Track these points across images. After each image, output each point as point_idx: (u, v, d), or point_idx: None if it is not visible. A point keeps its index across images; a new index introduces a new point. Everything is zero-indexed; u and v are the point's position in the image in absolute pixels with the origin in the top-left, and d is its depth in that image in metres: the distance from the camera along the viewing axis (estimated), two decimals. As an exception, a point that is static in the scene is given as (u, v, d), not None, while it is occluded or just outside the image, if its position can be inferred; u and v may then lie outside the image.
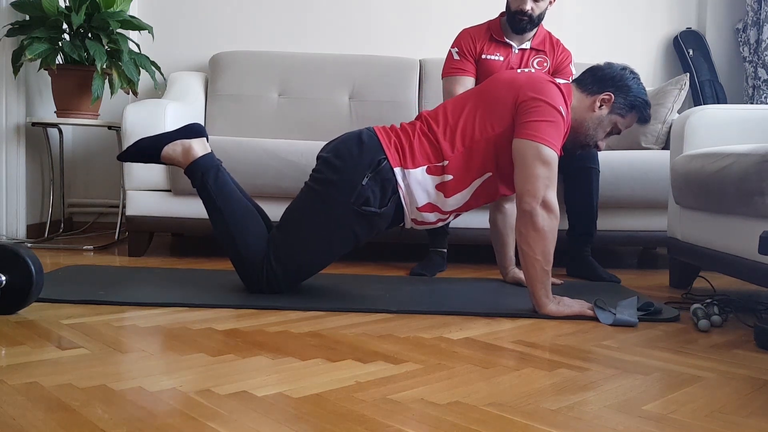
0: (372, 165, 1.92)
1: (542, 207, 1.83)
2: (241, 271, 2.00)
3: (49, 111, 3.31)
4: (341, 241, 1.98)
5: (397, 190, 1.94)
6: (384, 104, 3.40)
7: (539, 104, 1.89)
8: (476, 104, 2.00)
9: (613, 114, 2.01)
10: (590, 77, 2.04)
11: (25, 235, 3.15)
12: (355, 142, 1.97)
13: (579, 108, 2.01)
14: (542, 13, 2.69)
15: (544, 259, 1.83)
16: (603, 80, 2.01)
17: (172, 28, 3.64)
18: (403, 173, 1.94)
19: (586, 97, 2.01)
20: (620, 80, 2.01)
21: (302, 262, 1.98)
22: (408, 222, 2.03)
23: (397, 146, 1.96)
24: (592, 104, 2.00)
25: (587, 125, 2.02)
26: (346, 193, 1.92)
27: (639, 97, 2.01)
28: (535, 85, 1.94)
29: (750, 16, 3.57)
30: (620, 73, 2.02)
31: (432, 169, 1.95)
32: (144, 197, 2.80)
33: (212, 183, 2.00)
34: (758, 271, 1.82)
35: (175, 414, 1.05)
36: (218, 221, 2.00)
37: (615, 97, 1.99)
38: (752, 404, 1.19)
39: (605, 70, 2.04)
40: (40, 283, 1.67)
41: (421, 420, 1.06)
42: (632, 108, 2.01)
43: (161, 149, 2.02)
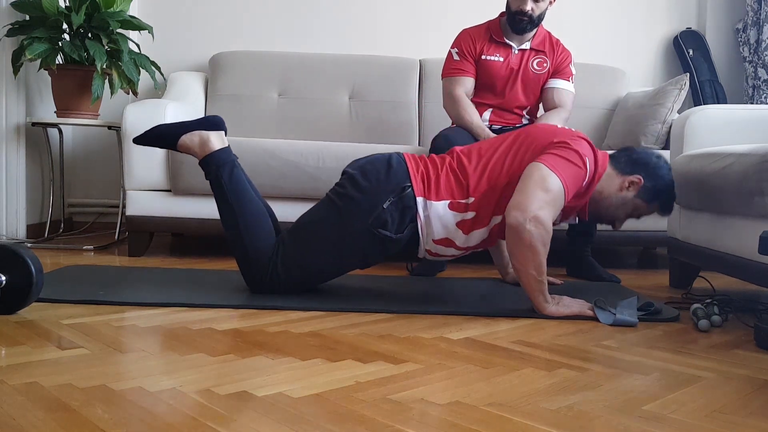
0: (396, 190, 1.92)
1: (532, 222, 1.76)
2: (245, 269, 1.99)
3: (49, 111, 3.31)
4: (351, 258, 1.98)
5: (415, 218, 1.93)
6: (384, 104, 3.40)
7: (565, 146, 1.89)
8: (510, 145, 1.99)
9: (638, 198, 2.00)
10: (625, 157, 2.03)
11: (25, 235, 3.15)
12: (383, 165, 1.96)
13: (607, 183, 1.99)
14: (542, 14, 2.69)
15: (537, 272, 1.81)
16: (637, 163, 2.01)
17: (172, 28, 3.64)
18: (424, 204, 1.93)
19: (616, 174, 2.00)
20: (653, 168, 2.01)
21: (308, 271, 1.98)
22: (422, 251, 2.01)
23: (423, 176, 1.95)
24: (621, 184, 1.99)
25: (611, 202, 2.00)
26: (366, 213, 1.91)
27: (667, 187, 2.02)
28: (571, 136, 1.94)
29: (750, 16, 3.57)
30: (655, 160, 2.03)
31: (454, 204, 1.93)
32: (144, 197, 2.80)
33: (226, 178, 1.99)
34: (758, 271, 1.82)
35: (175, 414, 1.05)
36: (228, 217, 2.00)
37: (644, 182, 1.98)
38: (752, 404, 1.19)
39: (641, 154, 2.04)
40: (40, 283, 1.67)
41: (421, 420, 1.06)
42: (657, 197, 2.01)
43: (179, 137, 2.01)
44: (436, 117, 3.25)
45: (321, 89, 3.42)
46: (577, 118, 3.15)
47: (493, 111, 2.77)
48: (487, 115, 2.76)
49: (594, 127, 3.37)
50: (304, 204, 2.71)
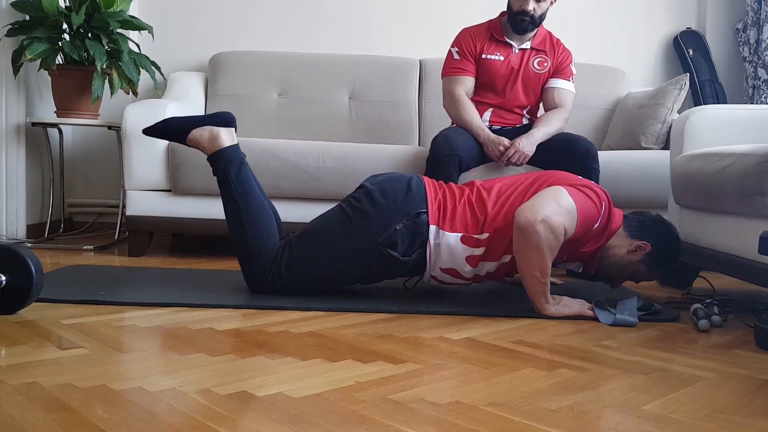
0: (411, 214, 1.92)
1: (541, 224, 1.76)
2: (246, 268, 1.99)
3: (49, 111, 3.31)
4: (355, 272, 1.98)
5: (425, 244, 1.93)
6: (384, 104, 3.40)
7: (585, 186, 1.91)
8: (531, 184, 1.99)
9: (641, 263, 2.00)
10: (638, 221, 2.03)
11: (25, 235, 3.15)
12: (403, 186, 1.96)
13: (616, 242, 1.99)
14: (543, 14, 2.70)
15: (541, 273, 1.81)
16: (649, 230, 2.01)
17: (172, 28, 3.64)
18: (437, 232, 1.92)
19: (626, 236, 2.00)
20: (665, 238, 2.02)
21: (311, 278, 1.98)
22: (427, 276, 2.01)
23: (441, 205, 1.95)
24: (630, 245, 1.98)
25: (616, 260, 2.00)
26: (377, 231, 1.91)
27: (673, 261, 2.04)
28: (592, 184, 1.95)
29: (750, 16, 3.57)
30: (668, 230, 2.05)
31: (467, 238, 1.92)
32: (144, 197, 2.80)
33: (234, 175, 1.99)
34: (758, 271, 1.82)
35: (175, 414, 1.05)
36: (234, 215, 1.99)
37: (651, 250, 1.98)
38: (752, 404, 1.19)
39: (655, 221, 2.05)
40: (40, 283, 1.67)
41: (421, 420, 1.06)
42: (660, 266, 2.02)
43: (189, 131, 2.01)
44: (436, 117, 3.25)
45: (321, 89, 3.42)
46: (577, 118, 3.15)
47: (493, 110, 2.77)
48: (487, 115, 2.76)
49: (594, 127, 3.37)
50: (304, 204, 2.74)
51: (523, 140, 2.61)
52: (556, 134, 2.68)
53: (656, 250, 1.98)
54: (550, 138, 2.66)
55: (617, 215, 2.00)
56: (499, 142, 2.62)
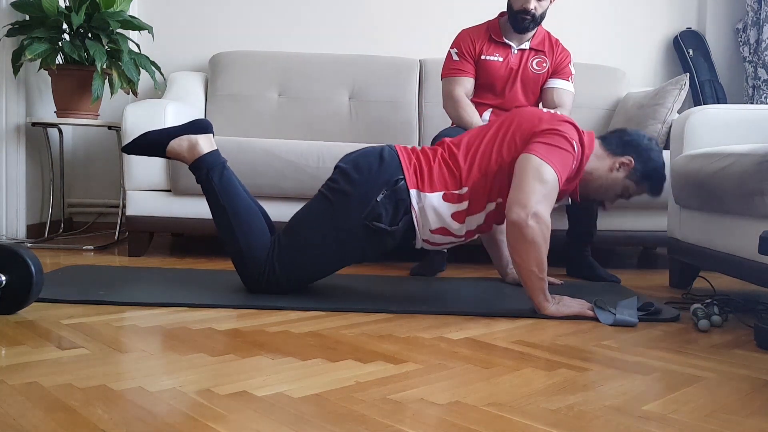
0: (389, 183, 1.92)
1: (533, 218, 1.79)
2: (241, 270, 1.99)
3: (49, 111, 3.31)
4: (347, 253, 1.98)
5: (410, 210, 1.93)
6: (384, 104, 3.40)
7: (553, 132, 1.90)
8: (496, 132, 2.00)
9: (628, 179, 2.02)
10: (616, 139, 2.05)
11: (25, 235, 3.15)
12: (375, 158, 1.97)
13: (597, 165, 2.01)
14: (544, 13, 2.70)
15: (538, 268, 1.81)
16: (628, 145, 2.02)
17: (172, 28, 3.64)
18: (418, 196, 1.93)
19: (607, 155, 2.02)
20: (645, 149, 2.02)
21: (305, 268, 1.98)
22: (419, 242, 2.01)
23: (416, 168, 1.96)
24: (612, 165, 2.00)
25: (601, 183, 2.02)
26: (359, 207, 1.91)
27: (657, 170, 2.03)
28: (556, 121, 1.95)
29: (750, 16, 3.57)
30: (646, 142, 2.04)
31: (448, 195, 1.94)
32: (144, 197, 2.80)
33: (217, 180, 1.99)
34: (758, 271, 1.82)
35: (175, 414, 1.05)
36: (222, 219, 2.00)
37: (634, 164, 1.99)
38: (752, 404, 1.19)
39: (632, 136, 2.05)
40: (40, 283, 1.67)
41: (421, 420, 1.06)
42: (647, 178, 2.03)
43: (167, 144, 2.01)
44: (436, 117, 3.25)
45: (321, 89, 3.42)
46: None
47: (492, 111, 2.77)
48: (486, 116, 2.76)
49: (594, 127, 3.37)
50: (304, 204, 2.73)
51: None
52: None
53: (640, 163, 2.00)
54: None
55: (589, 139, 2.01)
56: (499, 142, 2.62)
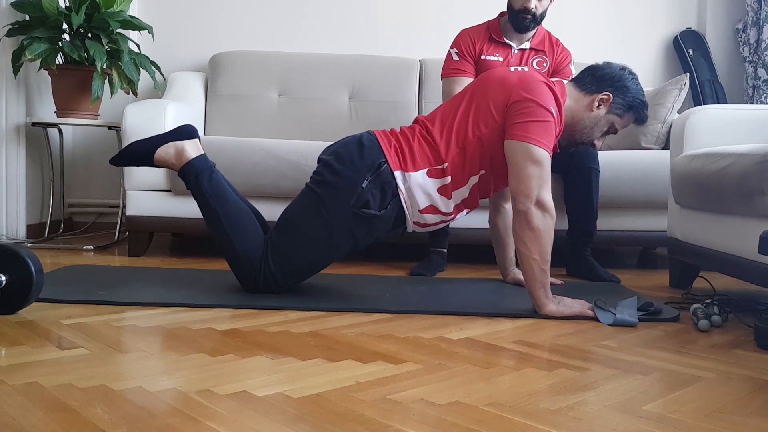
0: (372, 168, 1.92)
1: (537, 206, 1.83)
2: (237, 271, 2.00)
3: (49, 111, 3.31)
4: (340, 243, 1.98)
5: (397, 193, 1.94)
6: (384, 104, 3.40)
7: (530, 105, 1.90)
8: (469, 104, 2.00)
9: (610, 114, 2.01)
10: (589, 76, 2.04)
11: (25, 235, 3.15)
12: (355, 146, 1.97)
13: (576, 107, 2.01)
14: (544, 12, 2.70)
15: (541, 258, 1.83)
16: (602, 80, 2.01)
17: (172, 28, 3.64)
18: (403, 176, 1.94)
19: (583, 96, 2.01)
20: (619, 80, 2.00)
21: (300, 264, 1.98)
22: (410, 225, 2.02)
23: (397, 150, 1.96)
24: (590, 103, 2.00)
25: (584, 124, 2.02)
26: (346, 196, 1.92)
27: (637, 97, 2.01)
28: (527, 85, 1.94)
29: (750, 16, 3.57)
30: (619, 73, 2.02)
31: (432, 172, 1.95)
32: (144, 197, 2.80)
33: (206, 184, 2.00)
34: (758, 271, 1.82)
35: (175, 414, 1.05)
36: (214, 222, 2.00)
37: (613, 97, 1.99)
38: (752, 404, 1.19)
39: (605, 70, 2.03)
40: (40, 283, 1.67)
41: (421, 420, 1.06)
42: (630, 108, 2.01)
43: (154, 152, 2.02)
44: (436, 117, 3.24)
45: (321, 89, 3.42)
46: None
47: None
48: (487, 115, 2.76)
49: (594, 127, 3.37)
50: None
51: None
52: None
53: (619, 96, 1.99)
54: (550, 138, 2.66)
55: (559, 87, 2.00)
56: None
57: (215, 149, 2.71)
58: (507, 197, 2.27)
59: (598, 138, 2.07)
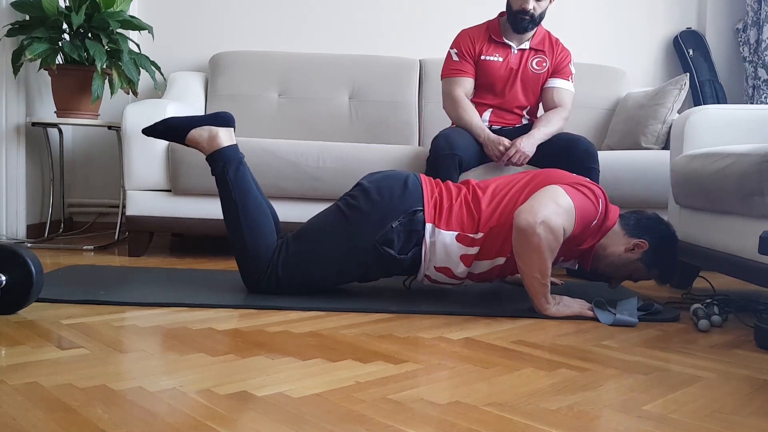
0: (407, 212, 1.92)
1: (541, 226, 1.76)
2: (244, 268, 1.99)
3: (49, 111, 3.31)
4: (351, 270, 1.98)
5: (421, 243, 1.93)
6: (384, 104, 3.40)
7: (581, 183, 1.91)
8: (525, 185, 1.98)
9: (639, 261, 1.99)
10: (635, 220, 2.02)
11: (25, 235, 3.15)
12: (399, 184, 1.96)
13: (613, 241, 1.99)
14: (543, 13, 2.70)
15: (542, 275, 1.81)
16: (646, 228, 2.00)
17: (172, 28, 3.64)
18: (433, 230, 1.92)
19: (623, 234, 1.99)
20: (662, 237, 2.00)
21: (309, 276, 1.98)
22: (421, 276, 2.01)
23: (437, 203, 1.95)
24: (627, 244, 1.98)
25: (613, 260, 1.99)
26: (374, 229, 1.91)
27: (671, 262, 2.03)
28: (586, 181, 1.95)
29: (750, 16, 3.57)
30: (664, 229, 2.03)
31: (462, 237, 1.92)
32: (144, 197, 2.80)
33: (232, 175, 1.99)
34: (758, 271, 1.82)
35: (175, 414, 1.05)
36: (231, 214, 1.99)
37: (649, 248, 1.97)
38: (752, 404, 1.19)
39: (650, 220, 2.03)
40: (40, 283, 1.67)
41: (421, 420, 1.06)
42: (657, 267, 2.01)
43: (188, 131, 2.01)
44: (436, 117, 3.25)
45: (321, 89, 3.42)
46: (577, 118, 3.15)
47: (492, 111, 2.77)
48: (486, 115, 2.76)
49: (594, 127, 3.37)
50: (304, 204, 2.74)
51: (523, 140, 2.61)
52: (556, 134, 2.68)
53: (654, 248, 1.98)
54: (551, 138, 2.66)
55: (613, 212, 2.00)
56: (499, 142, 2.62)
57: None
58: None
59: (619, 279, 2.08)
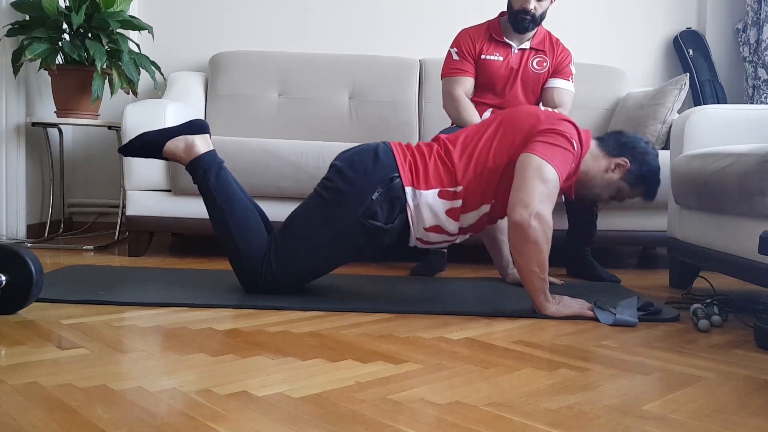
0: (384, 181, 1.91)
1: (535, 219, 1.78)
2: (239, 270, 2.00)
3: (49, 111, 3.31)
4: (344, 251, 1.98)
5: (405, 208, 1.93)
6: (384, 104, 3.40)
7: (553, 133, 1.90)
8: (494, 132, 1.99)
9: (622, 181, 2.01)
10: (613, 140, 2.04)
11: (25, 235, 3.15)
12: (370, 156, 1.96)
13: (593, 164, 2.01)
14: (544, 12, 2.70)
15: (540, 269, 1.82)
16: (624, 146, 2.02)
17: (172, 28, 3.64)
18: (413, 193, 1.93)
19: (603, 156, 2.01)
20: (641, 152, 2.02)
21: (302, 267, 1.98)
22: (413, 240, 2.01)
23: (411, 165, 1.95)
24: (607, 166, 2.00)
25: (595, 183, 2.02)
26: (355, 205, 1.91)
27: (653, 173, 2.03)
28: (555, 119, 1.95)
29: (750, 16, 3.57)
30: (643, 145, 2.04)
31: (444, 193, 1.93)
32: (144, 197, 2.80)
33: (214, 180, 1.99)
34: (758, 271, 1.82)
35: (175, 414, 1.05)
36: (218, 219, 2.00)
37: (630, 165, 1.99)
38: (752, 404, 1.19)
39: (629, 138, 2.05)
40: (40, 283, 1.67)
41: (421, 420, 1.06)
42: (642, 182, 2.02)
43: (164, 144, 2.01)
44: (436, 117, 3.25)
45: (321, 89, 3.42)
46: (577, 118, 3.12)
47: (493, 111, 2.76)
48: (486, 115, 2.76)
49: (594, 127, 3.37)
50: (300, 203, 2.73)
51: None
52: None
53: (635, 165, 2.00)
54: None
55: (586, 138, 2.01)
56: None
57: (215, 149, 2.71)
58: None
59: (604, 201, 2.08)
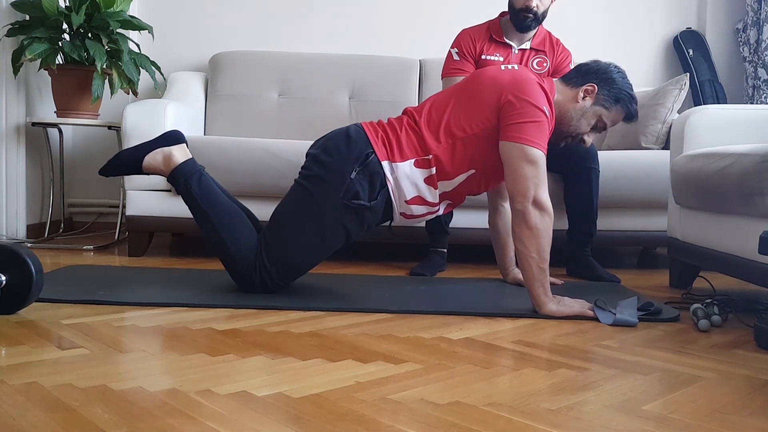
0: (360, 159, 1.93)
1: (534, 206, 1.85)
2: (233, 271, 2.00)
3: (49, 111, 3.31)
4: (332, 236, 1.98)
5: (385, 183, 1.95)
6: (384, 104, 3.40)
7: (522, 105, 1.91)
8: (459, 101, 2.01)
9: (597, 105, 2.01)
10: (575, 72, 2.06)
11: (25, 235, 3.15)
12: (342, 138, 1.98)
13: (562, 100, 2.02)
14: (546, 11, 2.70)
15: (539, 256, 1.84)
16: (587, 73, 2.03)
17: (172, 28, 3.64)
18: (390, 167, 1.95)
19: (569, 89, 2.03)
20: (604, 73, 2.02)
21: (294, 259, 1.98)
22: (396, 216, 2.03)
23: (384, 140, 1.97)
24: (575, 95, 2.01)
25: (570, 115, 2.02)
26: (335, 188, 1.93)
27: (623, 89, 2.01)
28: (519, 85, 1.94)
29: (750, 16, 3.57)
30: (604, 66, 2.04)
31: (420, 162, 1.96)
32: (144, 197, 2.80)
33: (196, 187, 2.00)
34: (758, 271, 1.82)
35: (175, 414, 1.05)
36: (206, 224, 2.01)
37: (598, 89, 2.00)
38: (752, 404, 1.19)
39: (590, 65, 2.06)
40: (40, 283, 1.67)
41: (421, 420, 1.06)
42: (617, 101, 2.01)
43: (142, 159, 2.02)
44: (436, 117, 3.24)
45: (321, 89, 3.42)
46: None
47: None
48: (487, 115, 2.76)
49: (594, 127, 3.37)
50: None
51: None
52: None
53: (604, 87, 2.00)
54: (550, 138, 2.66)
55: (549, 84, 2.01)
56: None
57: (215, 149, 2.71)
58: (505, 196, 2.27)
59: (588, 133, 2.07)
